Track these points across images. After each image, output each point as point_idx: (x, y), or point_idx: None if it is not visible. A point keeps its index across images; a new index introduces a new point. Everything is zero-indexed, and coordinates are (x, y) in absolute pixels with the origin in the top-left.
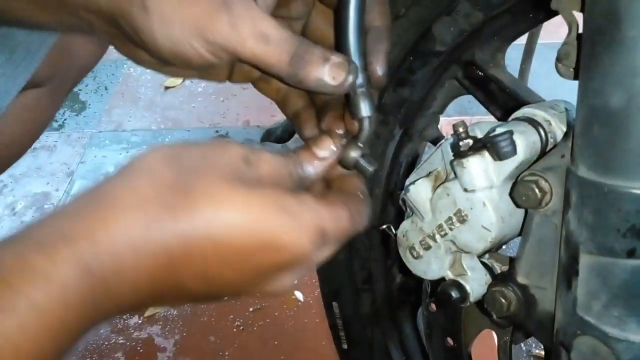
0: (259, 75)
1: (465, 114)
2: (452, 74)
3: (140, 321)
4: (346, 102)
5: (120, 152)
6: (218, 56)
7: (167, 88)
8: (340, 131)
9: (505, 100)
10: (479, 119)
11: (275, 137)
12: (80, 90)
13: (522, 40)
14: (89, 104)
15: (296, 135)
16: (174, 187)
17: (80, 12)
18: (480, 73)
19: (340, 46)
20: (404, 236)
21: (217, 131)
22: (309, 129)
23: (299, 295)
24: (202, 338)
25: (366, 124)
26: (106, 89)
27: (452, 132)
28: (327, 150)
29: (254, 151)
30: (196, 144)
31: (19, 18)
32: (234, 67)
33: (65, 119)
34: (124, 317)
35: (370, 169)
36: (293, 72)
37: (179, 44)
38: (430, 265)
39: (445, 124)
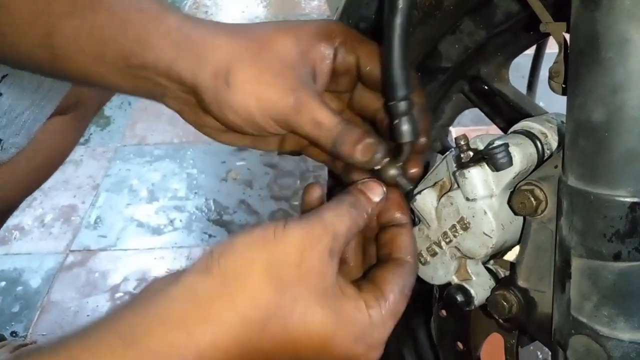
0: (307, 144)
1: (482, 124)
2: (458, 89)
3: None
4: (390, 128)
5: (144, 165)
6: (281, 129)
7: None
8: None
9: (509, 112)
10: (495, 129)
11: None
12: (105, 106)
13: (532, 49)
14: (114, 119)
15: None
16: (272, 308)
17: (159, 79)
18: (485, 87)
19: (386, 81)
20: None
21: None
22: (357, 174)
23: None
24: None
25: (407, 148)
26: (130, 104)
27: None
28: (379, 194)
29: (335, 236)
30: (289, 241)
31: (95, 81)
32: (285, 138)
33: (90, 134)
34: None
35: (409, 186)
36: (335, 150)
37: (252, 116)
38: (437, 271)
39: (460, 132)
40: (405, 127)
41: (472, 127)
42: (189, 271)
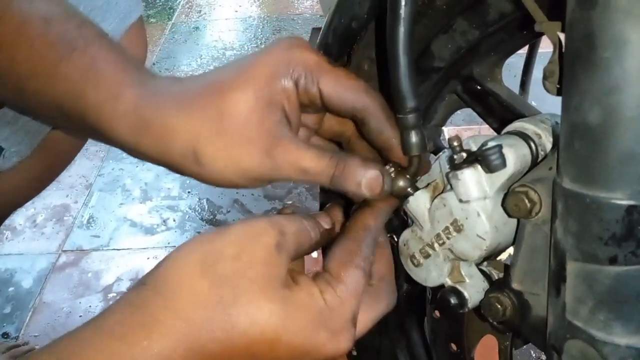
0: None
1: (475, 123)
2: (451, 89)
3: None
4: (401, 140)
5: (137, 164)
6: (266, 183)
7: None
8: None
9: (502, 113)
10: (488, 129)
11: None
12: None
13: (524, 48)
14: None
15: None
16: (210, 304)
17: (131, 152)
18: (478, 87)
19: (394, 93)
20: (404, 245)
21: None
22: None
23: None
24: None
25: (416, 161)
26: None
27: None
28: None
29: (282, 232)
30: (227, 237)
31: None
32: None
33: None
34: None
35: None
36: (334, 186)
37: (235, 183)
38: (430, 273)
39: (453, 132)
40: (414, 139)
41: (464, 127)
42: (128, 288)
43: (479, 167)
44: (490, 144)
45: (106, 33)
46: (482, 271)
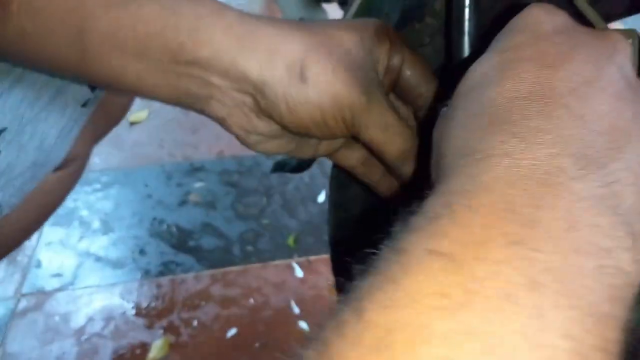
0: (341, 144)
1: None
2: None
3: None
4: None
5: (92, 193)
6: (345, 131)
7: (132, 124)
8: None
9: None
10: None
11: (291, 167)
12: None
13: None
14: None
15: (316, 162)
16: None
17: (210, 78)
18: None
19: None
20: None
21: (191, 164)
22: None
23: (304, 325)
24: None
25: None
26: None
27: None
28: None
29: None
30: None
31: (127, 82)
32: (320, 142)
33: None
34: None
35: None
36: (395, 165)
37: (324, 115)
38: None
39: None
40: None
41: None
42: None
43: None
44: None
45: None
46: None
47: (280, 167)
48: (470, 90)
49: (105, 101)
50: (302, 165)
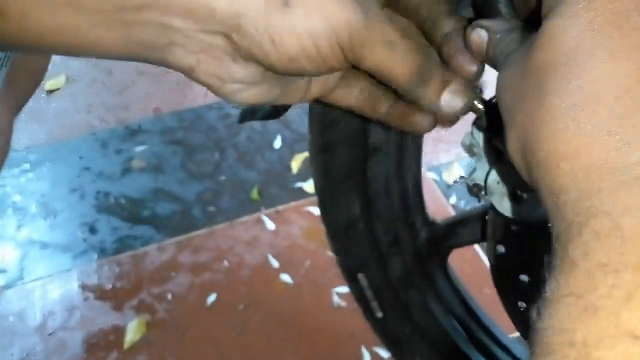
0: (335, 84)
1: None
2: None
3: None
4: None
5: (22, 175)
6: (344, 61)
7: (50, 92)
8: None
9: None
10: None
11: (265, 113)
12: None
13: None
14: None
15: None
16: None
17: (170, 21)
18: None
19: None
20: (498, 183)
21: (126, 127)
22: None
23: (286, 278)
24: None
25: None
26: None
27: None
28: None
29: None
30: None
31: (64, 41)
32: (310, 83)
33: None
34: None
35: (482, 108)
36: (409, 88)
37: (317, 42)
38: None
39: None
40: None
41: None
42: None
43: None
44: None
45: None
46: None
47: (249, 114)
48: (564, 64)
49: (19, 60)
50: (277, 109)
